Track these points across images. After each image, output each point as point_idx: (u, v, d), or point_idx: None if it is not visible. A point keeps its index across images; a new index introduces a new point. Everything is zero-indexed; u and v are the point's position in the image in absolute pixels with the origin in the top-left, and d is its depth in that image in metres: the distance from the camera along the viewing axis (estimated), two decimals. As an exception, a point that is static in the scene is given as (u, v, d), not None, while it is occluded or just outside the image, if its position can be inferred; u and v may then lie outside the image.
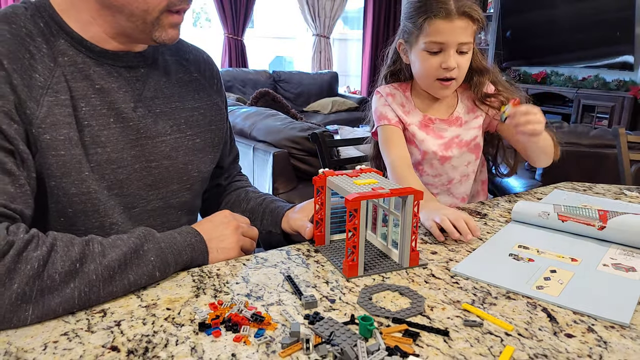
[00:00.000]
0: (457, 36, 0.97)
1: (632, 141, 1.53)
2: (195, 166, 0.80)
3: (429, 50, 0.99)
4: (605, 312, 0.59)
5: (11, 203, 0.57)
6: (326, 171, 0.73)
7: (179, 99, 0.78)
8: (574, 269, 0.71)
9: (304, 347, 0.48)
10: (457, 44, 0.98)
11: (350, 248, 0.64)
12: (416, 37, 1.00)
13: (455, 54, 0.99)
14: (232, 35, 4.79)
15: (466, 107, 1.11)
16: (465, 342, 0.51)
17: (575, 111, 4.40)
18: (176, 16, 0.67)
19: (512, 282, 0.66)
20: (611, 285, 0.66)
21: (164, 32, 0.67)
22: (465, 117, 1.10)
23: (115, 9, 0.64)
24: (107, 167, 0.68)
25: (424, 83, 1.05)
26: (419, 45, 1.00)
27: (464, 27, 0.97)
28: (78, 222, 0.68)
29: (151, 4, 0.64)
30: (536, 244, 0.80)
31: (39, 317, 0.52)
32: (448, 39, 0.97)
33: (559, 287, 0.65)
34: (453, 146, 1.09)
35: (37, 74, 0.62)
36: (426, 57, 1.00)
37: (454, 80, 1.02)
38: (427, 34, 0.97)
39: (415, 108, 1.10)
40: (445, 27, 0.96)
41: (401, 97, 1.11)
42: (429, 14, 0.96)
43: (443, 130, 1.09)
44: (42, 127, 0.62)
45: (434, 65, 0.99)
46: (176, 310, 0.56)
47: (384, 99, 1.10)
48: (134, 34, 0.68)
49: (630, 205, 1.01)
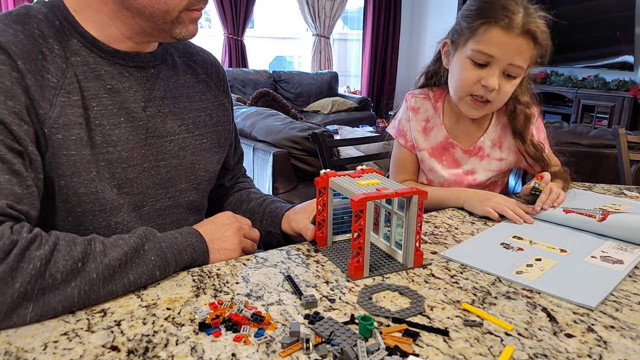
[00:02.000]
0: (511, 55, 0.85)
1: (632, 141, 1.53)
2: (203, 166, 0.81)
3: (474, 59, 0.88)
4: (575, 296, 0.60)
5: (17, 204, 0.57)
6: (328, 172, 0.73)
7: (187, 99, 0.78)
8: (559, 258, 0.72)
9: (304, 346, 0.48)
10: (507, 64, 0.86)
11: (356, 249, 0.64)
12: (466, 40, 0.89)
13: (501, 75, 0.87)
14: (232, 35, 4.79)
15: (495, 136, 0.99)
16: (465, 342, 0.51)
17: (575, 111, 4.40)
18: (195, 12, 0.68)
19: (495, 267, 0.68)
20: (592, 275, 0.67)
21: (185, 29, 0.68)
22: (489, 150, 0.99)
23: (135, 10, 0.65)
24: (118, 166, 0.69)
25: (456, 95, 0.94)
26: (465, 50, 0.89)
27: (523, 47, 0.85)
28: (86, 222, 0.68)
29: (171, 4, 0.65)
30: (531, 235, 0.81)
31: (38, 315, 0.52)
32: (500, 54, 0.85)
33: (538, 274, 0.67)
34: (463, 183, 1.01)
35: (50, 74, 0.63)
36: (468, 66, 0.89)
37: (488, 103, 0.91)
38: (479, 40, 0.86)
39: (442, 125, 1.00)
40: (502, 40, 0.84)
41: (428, 109, 1.01)
42: (490, 19, 0.84)
43: (461, 160, 1.00)
44: (54, 127, 0.63)
45: (472, 78, 0.88)
46: (176, 310, 0.56)
47: (408, 112, 1.01)
48: (154, 32, 0.68)
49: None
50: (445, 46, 0.95)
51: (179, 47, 0.81)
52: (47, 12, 0.66)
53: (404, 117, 1.03)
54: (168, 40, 0.71)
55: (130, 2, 0.64)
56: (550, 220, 0.87)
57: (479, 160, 1.00)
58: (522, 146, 0.97)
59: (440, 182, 1.01)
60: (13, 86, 0.59)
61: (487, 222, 0.89)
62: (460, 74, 0.90)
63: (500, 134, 1.00)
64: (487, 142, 0.99)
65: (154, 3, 0.64)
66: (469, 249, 0.75)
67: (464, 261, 0.70)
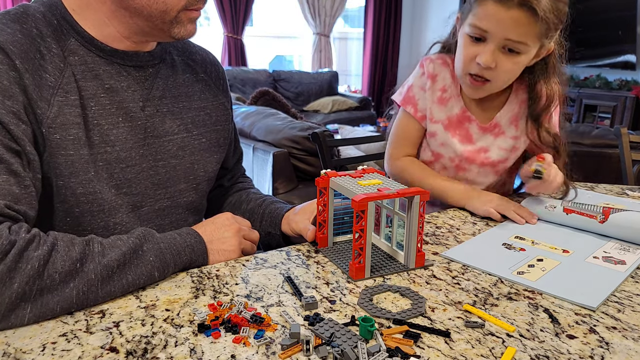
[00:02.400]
0: (505, 29, 0.79)
1: (634, 141, 1.53)
2: (202, 165, 0.80)
3: (471, 34, 0.83)
4: (576, 297, 0.60)
5: (15, 204, 0.57)
6: (329, 172, 0.73)
7: (186, 98, 0.78)
8: (561, 259, 0.72)
9: (304, 348, 0.48)
10: (503, 39, 0.80)
11: (357, 250, 0.64)
12: (466, 15, 0.84)
13: (498, 51, 0.81)
14: (232, 35, 4.79)
15: (512, 113, 0.93)
16: (467, 344, 0.51)
17: (577, 111, 4.39)
18: (194, 12, 0.68)
19: (496, 267, 0.68)
20: (594, 275, 0.67)
21: (183, 28, 0.68)
22: (505, 127, 0.93)
23: (133, 10, 0.65)
24: (116, 166, 0.69)
25: (458, 75, 0.89)
26: (465, 26, 0.84)
27: (520, 21, 0.78)
28: (84, 222, 0.68)
29: (170, 4, 0.64)
30: (533, 236, 0.81)
31: (36, 316, 0.52)
32: (493, 29, 0.80)
33: (540, 274, 0.66)
34: (476, 161, 0.94)
35: (48, 74, 0.63)
36: (467, 42, 0.84)
37: (487, 82, 0.85)
38: (475, 14, 0.81)
39: (459, 96, 0.92)
40: (495, 14, 0.78)
41: (446, 77, 0.93)
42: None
43: (474, 136, 0.93)
44: (52, 127, 0.62)
45: (468, 55, 0.83)
46: (175, 311, 0.56)
47: (424, 79, 0.92)
48: (152, 32, 0.68)
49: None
50: (457, 20, 0.91)
51: (178, 46, 0.81)
52: (45, 12, 0.65)
53: (417, 84, 0.93)
54: (167, 40, 0.71)
55: (128, 2, 0.64)
56: (551, 220, 0.87)
57: (493, 137, 0.93)
58: (534, 131, 0.90)
59: (451, 158, 0.94)
60: (11, 85, 0.59)
61: (488, 223, 0.89)
62: (460, 53, 0.86)
63: (518, 111, 0.93)
64: (504, 118, 0.92)
65: (152, 3, 0.64)
66: (471, 249, 0.75)
67: (465, 262, 0.70)
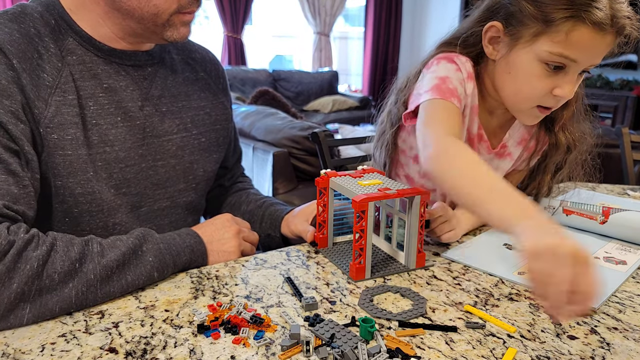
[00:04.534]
0: (596, 57, 0.67)
1: (635, 141, 1.52)
2: (201, 165, 0.80)
3: (549, 61, 0.67)
4: None
5: (14, 204, 0.57)
6: (329, 172, 0.73)
7: (185, 97, 0.78)
8: None
9: (304, 349, 0.48)
10: (587, 66, 0.68)
11: (358, 250, 0.64)
12: (536, 34, 0.67)
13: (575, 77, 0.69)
14: (231, 34, 4.79)
15: (520, 134, 0.84)
16: (468, 344, 0.51)
17: (577, 110, 4.38)
18: (187, 15, 0.67)
19: (497, 268, 0.68)
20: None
21: (176, 31, 0.67)
22: (512, 149, 0.84)
23: (125, 12, 0.64)
24: (115, 165, 0.68)
25: (517, 105, 0.75)
26: (535, 48, 0.67)
27: (610, 45, 0.67)
28: (83, 223, 0.68)
29: (161, 8, 0.64)
30: None
31: (35, 316, 0.52)
32: (584, 58, 0.66)
33: None
34: None
35: (45, 73, 0.62)
36: (540, 72, 0.68)
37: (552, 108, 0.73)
38: (562, 41, 0.65)
39: (476, 112, 0.80)
40: (592, 42, 0.65)
41: (475, 88, 0.78)
42: (577, 12, 0.63)
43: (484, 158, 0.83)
44: (50, 127, 0.62)
45: (545, 88, 0.69)
46: (175, 312, 0.55)
47: (461, 74, 0.75)
48: (145, 34, 0.68)
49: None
50: (492, 30, 0.72)
51: (178, 45, 0.80)
52: (42, 11, 0.65)
53: (454, 77, 0.74)
54: (160, 42, 0.70)
55: (120, 3, 0.64)
56: None
57: (498, 159, 0.85)
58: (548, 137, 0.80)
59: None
60: (9, 85, 0.59)
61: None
62: (528, 82, 0.70)
63: (524, 132, 0.85)
64: (512, 140, 0.84)
65: (143, 6, 0.63)
66: (472, 250, 0.75)
67: (466, 262, 0.70)
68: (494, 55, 0.74)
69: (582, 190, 1.05)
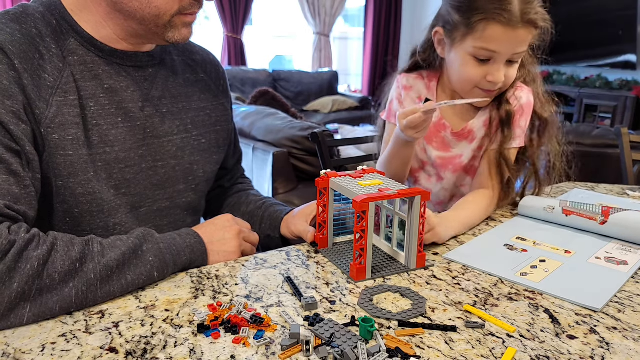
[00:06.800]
0: (514, 47, 0.82)
1: (634, 141, 1.52)
2: (201, 166, 0.80)
3: (476, 56, 0.84)
4: (580, 298, 0.60)
5: (15, 204, 0.57)
6: (329, 172, 0.73)
7: (185, 99, 0.78)
8: (564, 260, 0.72)
9: (304, 349, 0.48)
10: (511, 55, 0.84)
11: (358, 251, 0.64)
12: (463, 35, 0.84)
13: (504, 64, 0.85)
14: (232, 34, 4.79)
15: (485, 117, 0.94)
16: (467, 344, 0.51)
17: (577, 110, 4.39)
18: (189, 16, 0.67)
19: (498, 268, 0.68)
20: (596, 276, 0.67)
21: (178, 32, 0.67)
22: (478, 132, 0.95)
23: (126, 13, 0.65)
24: (115, 166, 0.69)
25: (460, 87, 0.91)
26: (464, 46, 0.85)
27: (526, 37, 0.82)
28: (83, 223, 0.68)
29: (162, 9, 0.64)
30: (534, 237, 0.81)
31: (36, 315, 0.52)
32: (503, 50, 0.82)
33: (543, 275, 0.66)
34: (449, 167, 0.97)
35: (47, 74, 0.63)
36: (471, 62, 0.85)
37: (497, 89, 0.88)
38: (480, 37, 0.82)
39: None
40: (505, 36, 0.80)
41: (421, 89, 0.97)
42: (488, 15, 0.80)
43: (451, 144, 0.96)
44: (51, 127, 0.62)
45: (478, 74, 0.85)
46: (175, 312, 0.56)
47: (401, 91, 0.97)
48: (146, 35, 0.68)
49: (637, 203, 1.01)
50: (437, 35, 0.90)
51: (179, 46, 0.80)
52: (44, 12, 0.65)
53: (395, 98, 0.99)
54: (161, 43, 0.71)
55: (121, 5, 0.64)
56: (552, 221, 0.87)
57: (468, 142, 0.96)
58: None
59: (431, 163, 0.99)
60: (10, 85, 0.59)
61: (489, 223, 0.89)
62: (464, 71, 0.87)
63: (491, 114, 0.95)
64: (478, 123, 0.95)
65: (144, 7, 0.63)
66: (472, 250, 0.75)
67: (467, 263, 0.70)
68: (443, 54, 0.92)
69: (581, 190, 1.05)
